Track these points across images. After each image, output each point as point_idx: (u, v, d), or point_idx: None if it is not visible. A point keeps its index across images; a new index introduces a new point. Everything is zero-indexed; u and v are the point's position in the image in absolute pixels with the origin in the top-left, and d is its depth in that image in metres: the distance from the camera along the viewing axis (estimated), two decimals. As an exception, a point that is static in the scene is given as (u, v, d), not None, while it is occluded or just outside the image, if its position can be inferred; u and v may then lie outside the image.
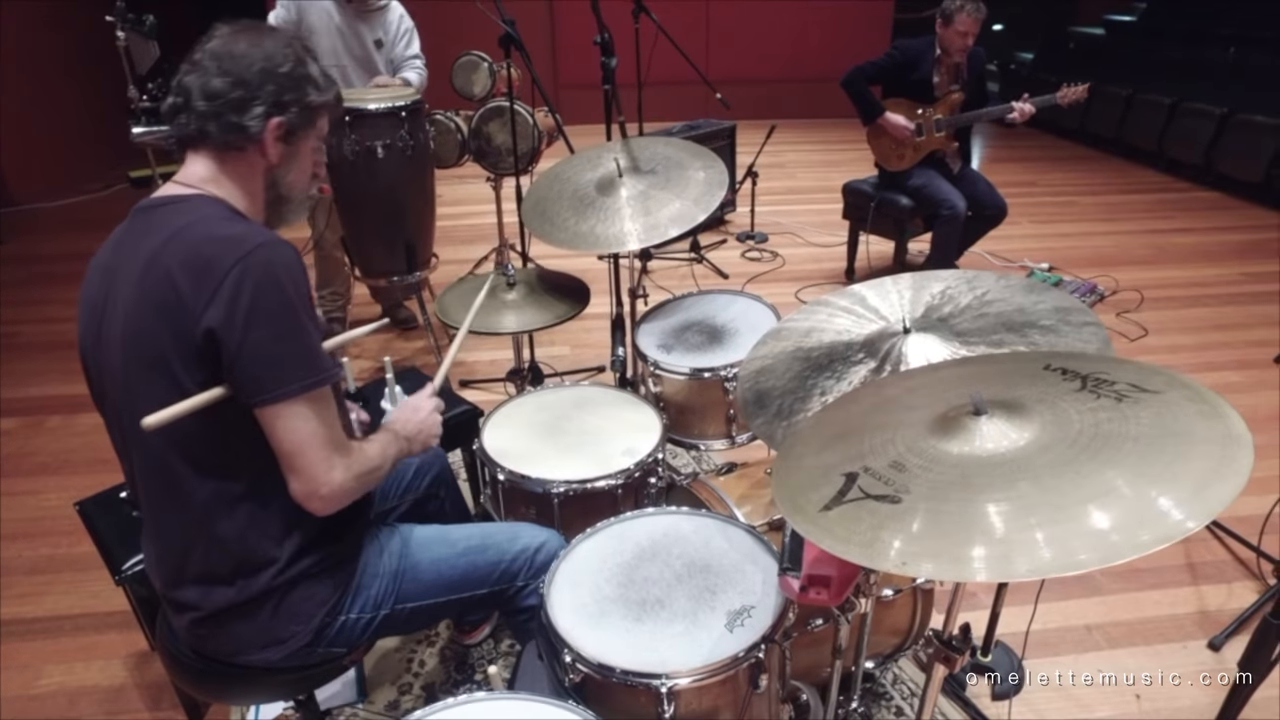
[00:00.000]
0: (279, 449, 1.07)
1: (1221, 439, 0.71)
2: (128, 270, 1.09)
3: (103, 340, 1.12)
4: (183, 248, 1.05)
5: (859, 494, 0.77)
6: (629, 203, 1.78)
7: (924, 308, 1.30)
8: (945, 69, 3.58)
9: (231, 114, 1.11)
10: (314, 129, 1.20)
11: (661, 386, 1.81)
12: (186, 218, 1.09)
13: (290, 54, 1.15)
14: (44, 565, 2.33)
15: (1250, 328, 3.62)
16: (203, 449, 1.10)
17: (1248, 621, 1.99)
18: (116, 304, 1.10)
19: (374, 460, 1.19)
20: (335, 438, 1.11)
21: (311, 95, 1.16)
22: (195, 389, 1.05)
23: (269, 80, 1.12)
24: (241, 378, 1.05)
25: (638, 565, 1.31)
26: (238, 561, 1.15)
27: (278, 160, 1.17)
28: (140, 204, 1.16)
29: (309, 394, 1.07)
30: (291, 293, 1.06)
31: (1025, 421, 0.79)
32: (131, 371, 1.08)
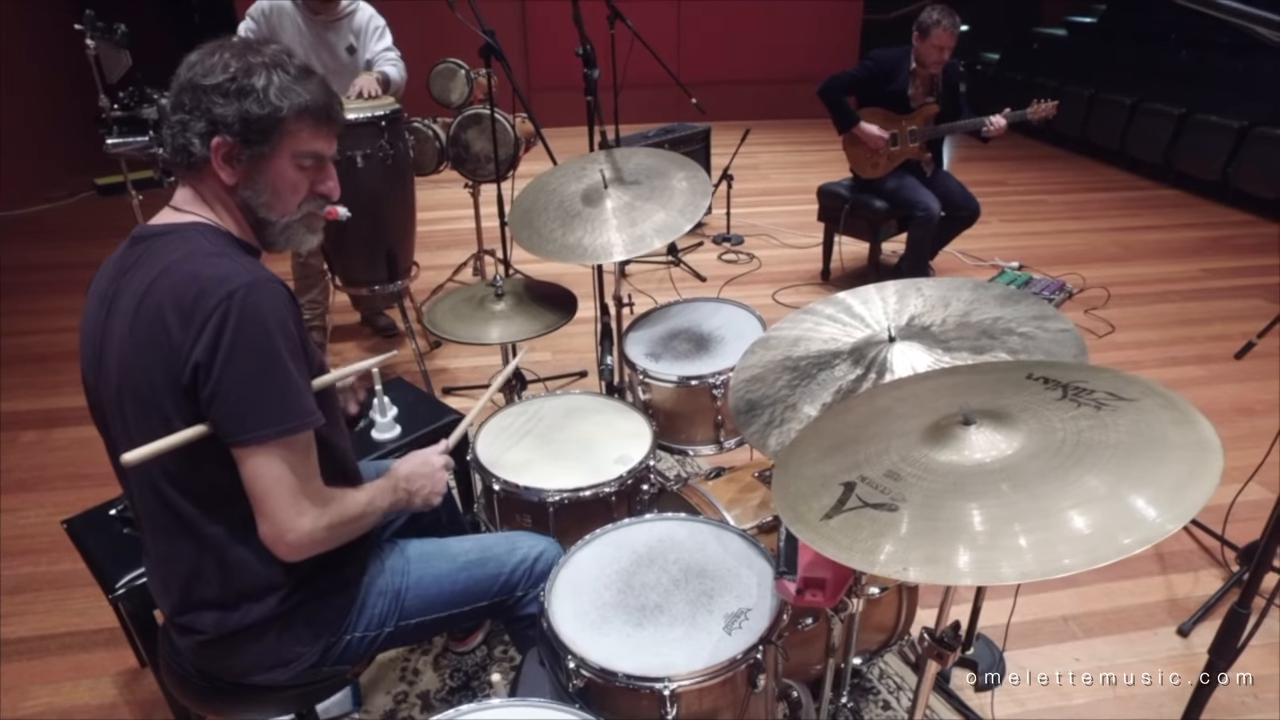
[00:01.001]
0: (248, 490, 1.06)
1: (1194, 445, 0.76)
2: (124, 304, 1.08)
3: (102, 372, 1.12)
4: (171, 285, 1.04)
5: (858, 503, 0.81)
6: (615, 214, 1.81)
7: (908, 316, 1.35)
8: (920, 81, 3.65)
9: (179, 135, 1.08)
10: (275, 146, 1.10)
11: (650, 394, 1.85)
12: (178, 251, 1.07)
13: (232, 65, 1.07)
14: (25, 584, 2.30)
15: (1210, 323, 3.74)
16: (197, 484, 1.10)
17: (1214, 607, 2.07)
18: (113, 337, 1.09)
19: (356, 510, 1.17)
20: (308, 486, 1.09)
21: (252, 109, 1.07)
22: (184, 426, 1.04)
23: (201, 97, 1.06)
24: (218, 416, 1.04)
25: (635, 571, 1.34)
26: (244, 587, 1.15)
27: (234, 181, 1.11)
28: (138, 232, 1.14)
29: (283, 439, 1.05)
30: (275, 334, 1.04)
31: (1012, 430, 0.84)
32: (127, 406, 1.08)
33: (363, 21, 3.12)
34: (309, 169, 1.16)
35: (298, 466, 1.07)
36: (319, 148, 1.16)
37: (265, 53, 1.11)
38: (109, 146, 2.96)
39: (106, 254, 3.86)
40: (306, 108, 1.11)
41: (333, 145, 1.19)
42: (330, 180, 1.20)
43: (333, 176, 1.21)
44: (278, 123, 1.09)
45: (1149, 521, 0.69)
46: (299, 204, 1.17)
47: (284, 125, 1.10)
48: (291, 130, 1.11)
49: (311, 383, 1.14)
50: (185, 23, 6.89)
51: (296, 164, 1.14)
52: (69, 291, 4.29)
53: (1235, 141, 5.31)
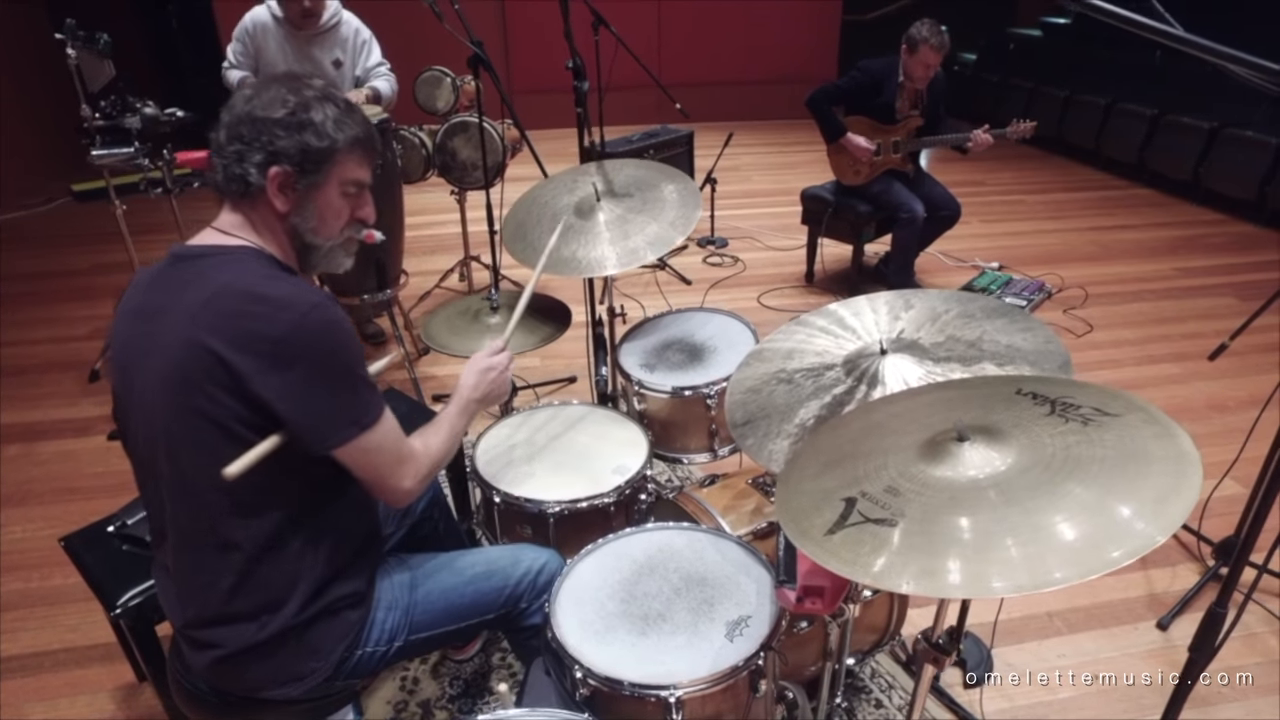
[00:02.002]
0: (357, 475, 1.18)
1: (1174, 458, 0.80)
2: (173, 321, 1.10)
3: (139, 387, 1.14)
4: (232, 306, 1.08)
5: (859, 518, 0.84)
6: (608, 227, 1.84)
7: (899, 328, 1.39)
8: (907, 93, 3.71)
9: (234, 165, 1.13)
10: (326, 175, 1.17)
11: (646, 404, 1.88)
12: (232, 271, 1.12)
13: (290, 101, 1.14)
14: (16, 601, 2.29)
15: (1185, 321, 3.84)
16: (249, 492, 1.13)
17: (1191, 601, 2.14)
18: (159, 352, 1.11)
19: (440, 450, 1.29)
20: (398, 454, 1.21)
21: (312, 141, 1.14)
22: (248, 434, 1.09)
23: (261, 130, 1.12)
24: (303, 432, 1.11)
25: (637, 581, 1.37)
26: (263, 600, 1.18)
27: (287, 209, 1.17)
28: (179, 250, 1.18)
29: (370, 430, 1.15)
30: (347, 344, 1.13)
31: (1004, 446, 0.88)
32: (180, 419, 1.10)
33: (348, 34, 3.12)
34: (352, 196, 1.23)
35: (390, 441, 1.19)
36: (362, 176, 1.23)
37: (315, 86, 1.18)
38: (94, 158, 2.94)
39: (87, 262, 3.89)
40: (358, 139, 1.19)
41: (370, 174, 1.25)
42: (368, 205, 1.27)
43: (370, 203, 1.27)
44: (332, 154, 1.16)
45: (1135, 534, 0.74)
46: (341, 229, 1.24)
47: (337, 156, 1.17)
48: (342, 160, 1.18)
49: None
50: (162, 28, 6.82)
51: (342, 191, 1.21)
52: (47, 301, 4.24)
53: (1206, 142, 5.44)
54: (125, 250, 3.31)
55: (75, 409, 3.24)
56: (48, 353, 3.72)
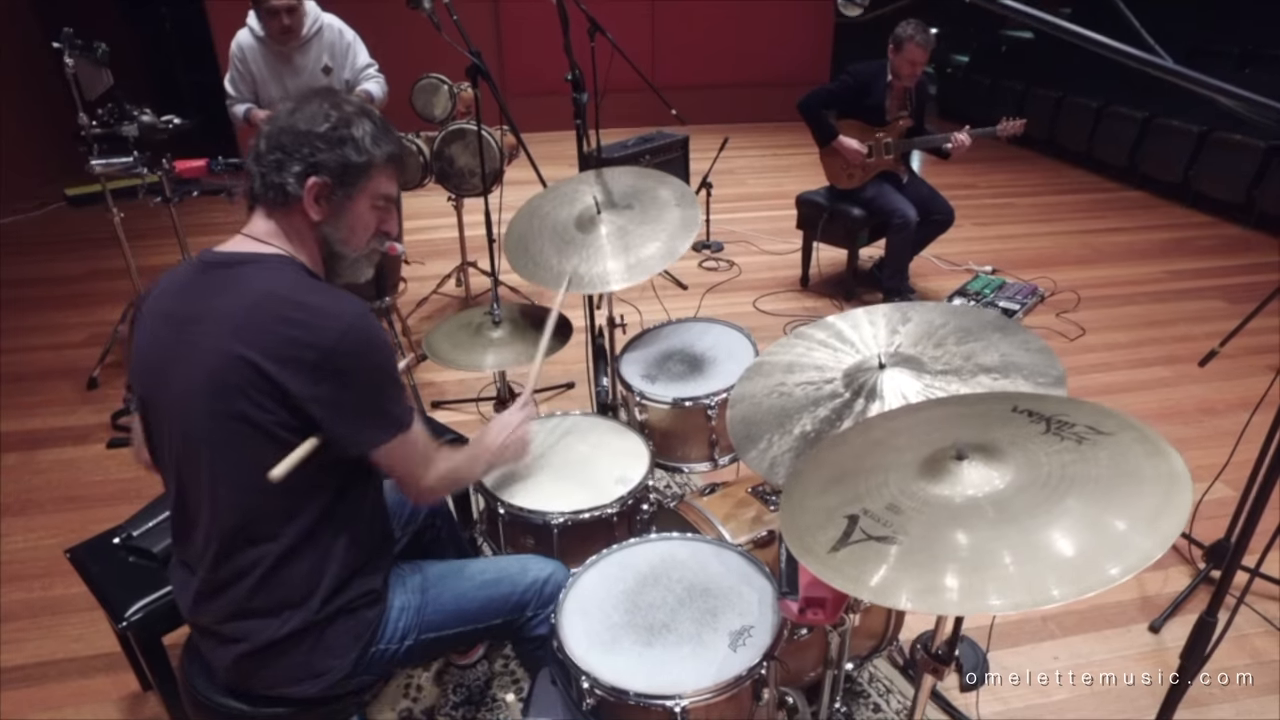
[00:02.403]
0: (388, 472, 1.25)
1: (1165, 477, 0.83)
2: (209, 326, 1.13)
3: (175, 390, 1.17)
4: (276, 315, 1.11)
5: (862, 535, 0.87)
6: (609, 240, 1.86)
7: (896, 342, 1.41)
8: (895, 94, 3.75)
9: (272, 173, 1.18)
10: (360, 188, 1.22)
11: (647, 414, 1.90)
12: (271, 278, 1.15)
13: (332, 115, 1.19)
14: (19, 611, 2.30)
15: (1175, 324, 3.89)
16: (285, 492, 1.15)
17: (1183, 604, 2.18)
18: (196, 360, 1.14)
19: (459, 465, 1.37)
20: (426, 452, 1.28)
21: (351, 156, 1.19)
22: (288, 436, 1.13)
23: (303, 142, 1.17)
24: (346, 436, 1.16)
25: (641, 591, 1.39)
26: (287, 596, 1.21)
27: (321, 218, 1.21)
28: (208, 257, 1.20)
29: (404, 432, 1.21)
30: (387, 353, 1.18)
31: (1002, 465, 0.90)
32: (219, 424, 1.13)
33: (333, 38, 3.13)
34: (380, 209, 1.28)
35: (419, 444, 1.26)
36: (392, 191, 1.29)
37: (354, 103, 1.23)
38: (92, 167, 2.94)
39: (82, 268, 3.91)
40: (392, 156, 1.25)
41: (397, 188, 1.31)
42: (394, 219, 1.32)
43: (395, 217, 1.32)
44: (369, 169, 1.21)
45: (1129, 552, 0.76)
46: (368, 240, 1.29)
47: (372, 170, 1.22)
48: (377, 175, 1.23)
49: None
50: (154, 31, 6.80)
51: (373, 204, 1.26)
52: (43, 308, 4.23)
53: (1195, 145, 5.49)
54: (121, 256, 3.31)
55: (74, 416, 3.24)
56: (45, 360, 3.71)
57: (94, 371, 3.45)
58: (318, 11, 3.12)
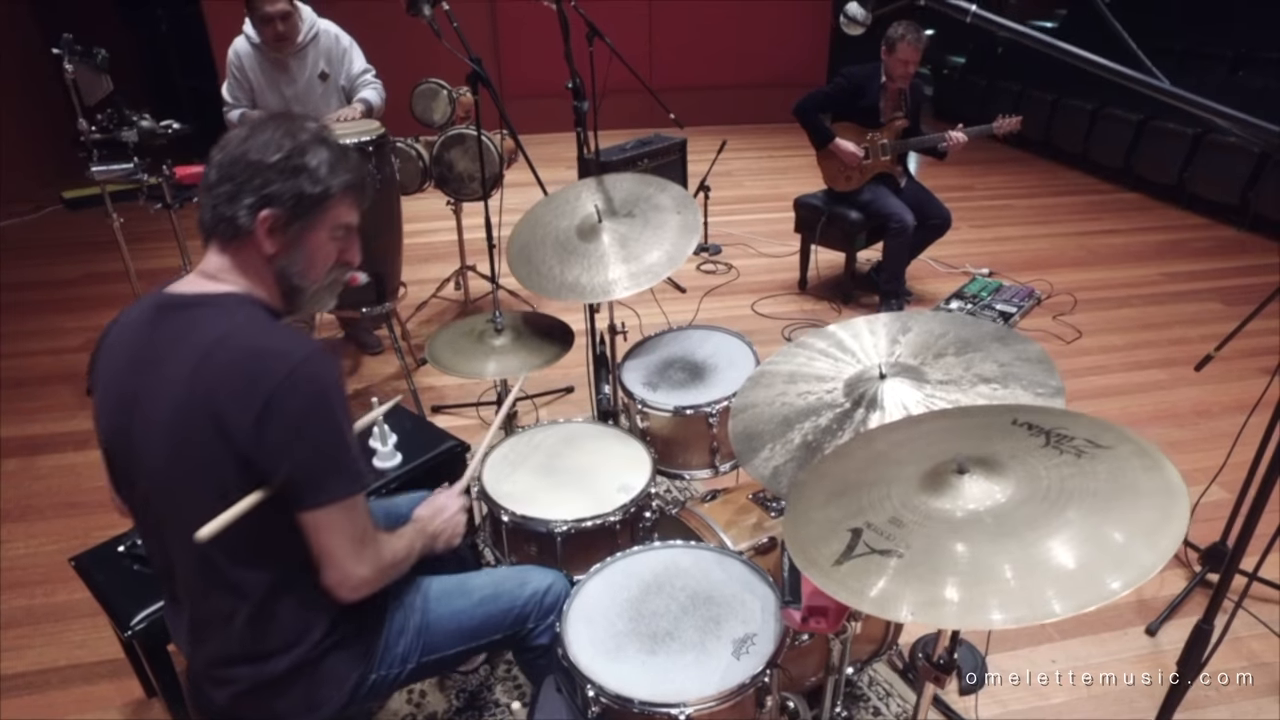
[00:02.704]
0: (313, 545, 1.13)
1: (1162, 491, 0.85)
2: (169, 373, 1.10)
3: (136, 435, 1.14)
4: (227, 361, 1.07)
5: (865, 549, 0.88)
6: (611, 249, 1.87)
7: (896, 351, 1.43)
8: (890, 95, 3.77)
9: (223, 205, 1.12)
10: (317, 219, 1.16)
11: (648, 422, 1.91)
12: (226, 323, 1.11)
13: (285, 144, 1.12)
14: (21, 618, 2.30)
15: (1171, 326, 3.91)
16: (245, 545, 1.13)
17: (1179, 607, 2.20)
18: (156, 404, 1.11)
19: (399, 554, 1.25)
20: (364, 535, 1.17)
21: (305, 186, 1.12)
22: (241, 493, 1.09)
23: (254, 173, 1.11)
24: (285, 488, 1.10)
25: (644, 599, 1.41)
26: (281, 639, 1.20)
27: (276, 251, 1.15)
28: (166, 297, 1.16)
29: (347, 500, 1.12)
30: (336, 404, 1.11)
31: (1002, 479, 0.92)
32: (176, 474, 1.11)
33: (329, 44, 3.14)
34: (340, 239, 1.22)
35: (358, 521, 1.15)
36: (351, 220, 1.23)
37: (310, 129, 1.16)
38: (92, 174, 2.95)
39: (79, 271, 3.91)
40: (350, 184, 1.18)
41: (358, 216, 1.24)
42: (355, 249, 1.26)
43: (357, 245, 1.26)
44: (325, 199, 1.15)
45: (1128, 566, 0.78)
46: (328, 271, 1.23)
47: (329, 201, 1.16)
48: (334, 205, 1.17)
49: None
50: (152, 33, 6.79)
51: (331, 235, 1.20)
52: (41, 312, 4.23)
53: (1190, 147, 5.52)
54: (119, 259, 3.31)
55: (74, 422, 3.25)
56: (44, 365, 3.71)
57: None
58: (314, 18, 3.13)
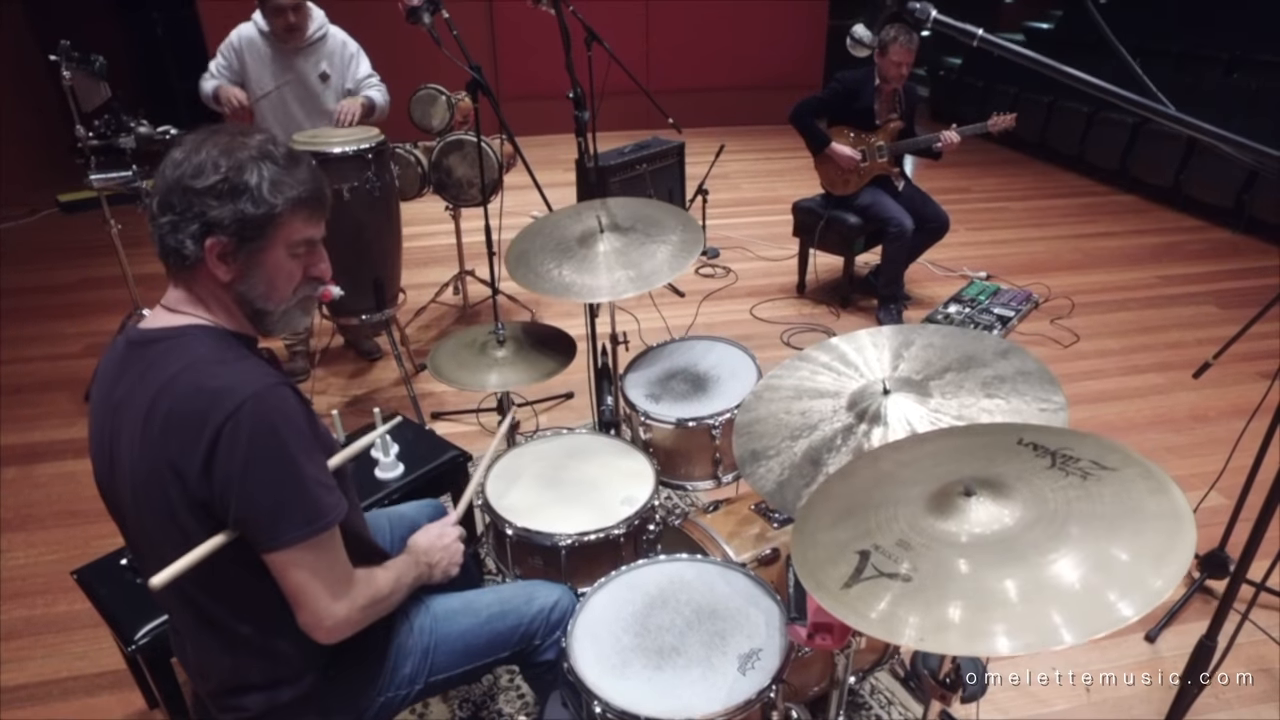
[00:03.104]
0: (283, 588, 1.10)
1: (1169, 514, 0.85)
2: (129, 416, 1.08)
3: (115, 480, 1.14)
4: (176, 401, 1.04)
5: (874, 572, 0.89)
6: (609, 256, 1.88)
7: (900, 366, 1.44)
8: (884, 97, 3.79)
9: (168, 237, 1.07)
10: (269, 239, 1.10)
11: (651, 434, 1.92)
12: (179, 361, 1.07)
13: (222, 165, 1.05)
14: (21, 629, 2.29)
15: (1167, 329, 3.93)
16: (225, 587, 1.13)
17: (1178, 614, 2.21)
18: (121, 450, 1.10)
19: (383, 590, 1.21)
20: (338, 575, 1.13)
21: (247, 208, 1.06)
22: (204, 537, 1.06)
23: (194, 200, 1.04)
24: (244, 528, 1.07)
25: (650, 614, 1.41)
26: (282, 672, 1.20)
27: (231, 278, 1.10)
28: (133, 334, 1.13)
29: (311, 539, 1.08)
30: (288, 440, 1.06)
31: (1009, 501, 0.93)
32: (145, 518, 1.10)
33: (335, 47, 3.14)
34: (302, 255, 1.16)
35: (328, 560, 1.12)
36: (311, 234, 1.16)
37: (251, 145, 1.09)
38: (93, 181, 2.94)
39: (76, 276, 3.92)
40: (300, 199, 1.11)
41: (322, 229, 1.19)
42: (323, 262, 1.20)
43: (324, 259, 1.20)
44: (272, 218, 1.09)
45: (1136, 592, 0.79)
46: (294, 290, 1.17)
47: (278, 219, 1.10)
48: (285, 222, 1.11)
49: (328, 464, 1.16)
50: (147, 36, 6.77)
51: (290, 253, 1.14)
52: (39, 317, 4.21)
53: (1185, 150, 5.54)
54: (116, 264, 3.30)
55: (73, 429, 3.24)
56: (42, 371, 3.70)
57: (92, 384, 3.44)
58: (324, 19, 3.13)
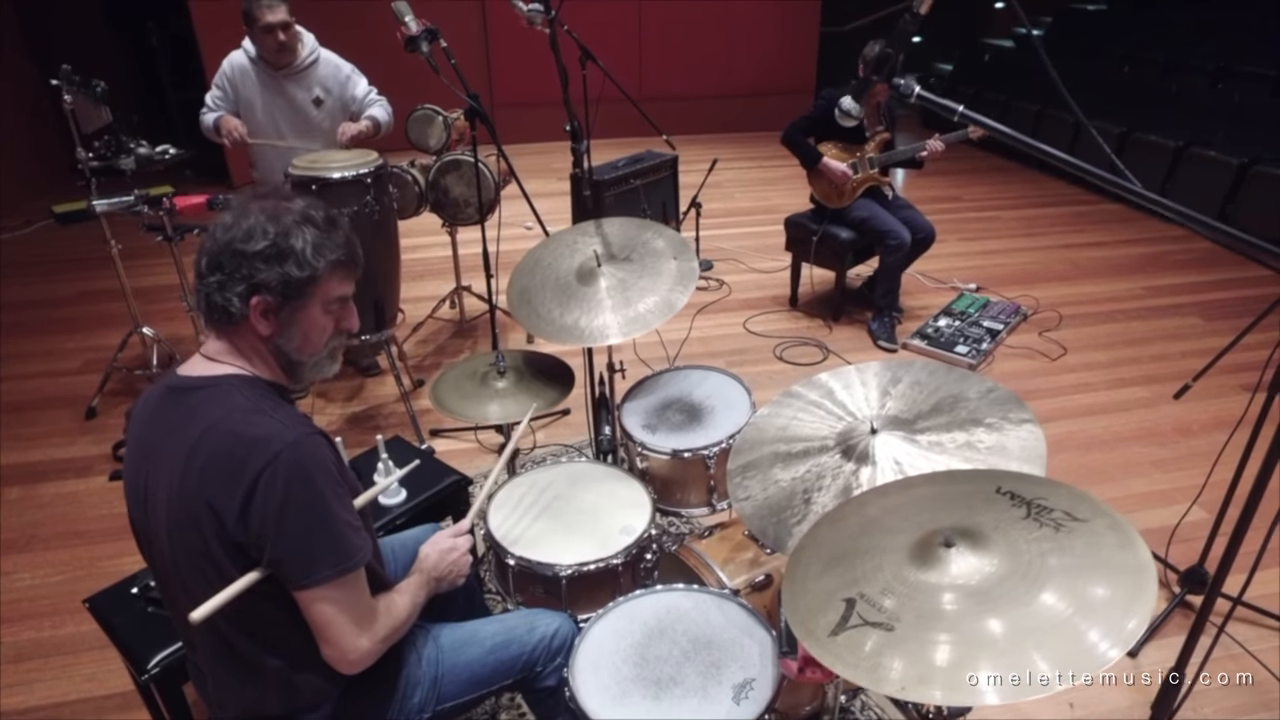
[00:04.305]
0: (310, 623, 1.18)
1: (1133, 569, 0.91)
2: (167, 461, 1.15)
3: (150, 520, 1.21)
4: (215, 448, 1.11)
5: (859, 620, 0.95)
6: (609, 294, 1.93)
7: (888, 404, 1.50)
8: (871, 110, 3.87)
9: (215, 294, 1.16)
10: (309, 298, 1.20)
11: (648, 463, 1.98)
12: (218, 409, 1.14)
13: (270, 231, 1.15)
14: (29, 651, 2.32)
15: (1152, 342, 4.01)
16: (253, 622, 1.19)
17: (1159, 628, 2.28)
18: (158, 493, 1.17)
19: (403, 615, 1.29)
20: (362, 611, 1.20)
21: (293, 271, 1.16)
22: (238, 574, 1.13)
23: (243, 262, 1.14)
24: (278, 568, 1.14)
25: (648, 644, 1.47)
26: (301, 702, 1.26)
27: (271, 332, 1.20)
28: (173, 381, 1.21)
29: (341, 579, 1.16)
30: (322, 486, 1.13)
31: (986, 552, 0.98)
32: (179, 559, 1.17)
33: (329, 72, 3.18)
34: (335, 310, 1.26)
35: (354, 596, 1.19)
36: (344, 291, 1.26)
37: (295, 210, 1.19)
38: (96, 208, 2.98)
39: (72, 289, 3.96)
40: (339, 261, 1.21)
41: (353, 285, 1.28)
42: (352, 316, 1.30)
43: (354, 312, 1.30)
44: (314, 279, 1.19)
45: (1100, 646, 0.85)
46: (326, 342, 1.27)
47: (318, 280, 1.20)
48: (324, 282, 1.21)
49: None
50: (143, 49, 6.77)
51: (325, 309, 1.24)
52: (36, 332, 4.22)
53: (1171, 160, 5.63)
54: (113, 277, 3.32)
55: (75, 448, 3.26)
56: (42, 388, 3.72)
57: (93, 401, 3.46)
58: (315, 44, 3.16)
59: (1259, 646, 2.22)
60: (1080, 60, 7.48)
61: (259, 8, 2.89)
